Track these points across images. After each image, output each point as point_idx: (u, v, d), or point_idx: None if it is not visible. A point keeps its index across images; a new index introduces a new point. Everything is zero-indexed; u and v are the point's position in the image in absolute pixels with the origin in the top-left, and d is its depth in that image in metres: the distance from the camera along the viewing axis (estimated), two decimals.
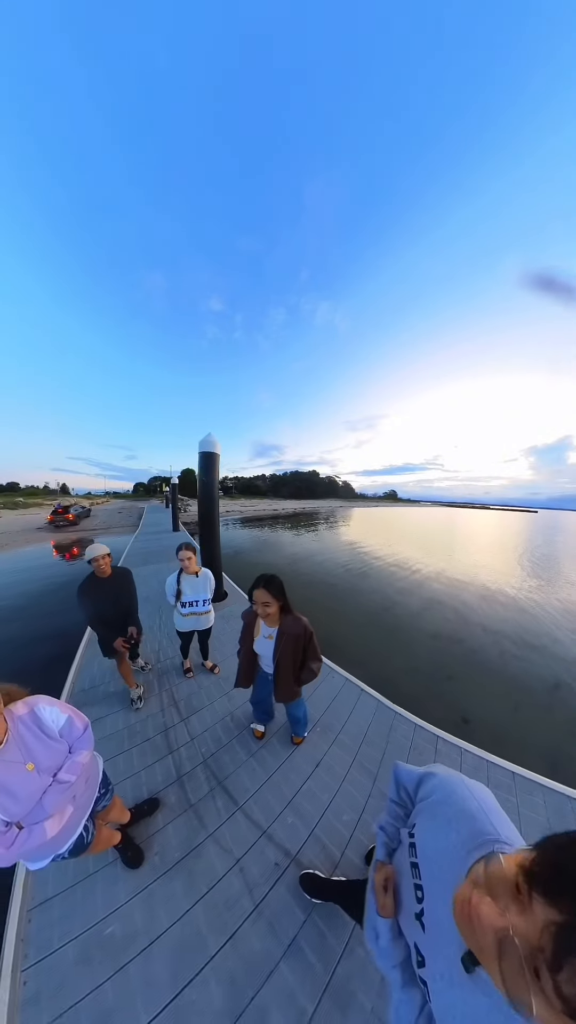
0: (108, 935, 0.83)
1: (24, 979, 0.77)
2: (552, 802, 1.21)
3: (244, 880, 0.95)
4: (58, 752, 0.66)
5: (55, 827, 0.63)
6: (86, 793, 0.75)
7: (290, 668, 1.07)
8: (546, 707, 2.46)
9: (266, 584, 0.97)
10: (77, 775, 0.67)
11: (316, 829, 1.09)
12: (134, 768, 1.32)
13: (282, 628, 1.03)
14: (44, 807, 0.61)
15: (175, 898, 0.91)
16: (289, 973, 0.78)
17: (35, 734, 0.63)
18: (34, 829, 0.59)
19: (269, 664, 1.11)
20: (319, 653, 1.10)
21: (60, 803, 0.64)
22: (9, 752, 0.59)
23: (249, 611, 1.10)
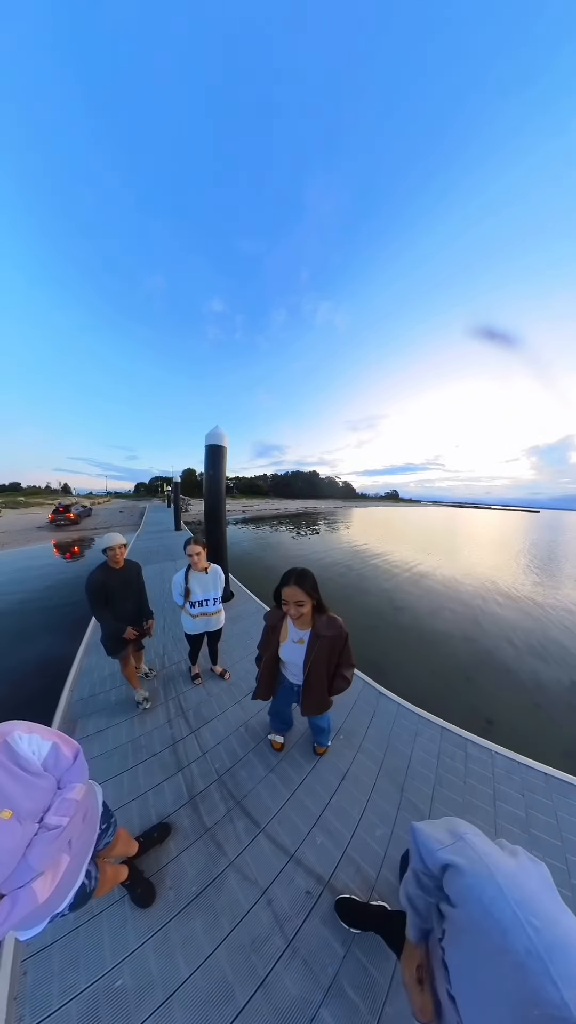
0: (118, 989, 0.72)
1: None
2: None
3: (273, 914, 0.84)
4: (43, 790, 0.51)
5: (47, 887, 0.49)
6: (84, 835, 0.60)
7: (324, 676, 0.94)
8: (567, 705, 2.42)
9: (298, 580, 0.84)
10: (71, 815, 0.53)
11: (348, 848, 0.99)
12: (140, 789, 1.19)
13: (316, 630, 0.90)
14: (30, 864, 0.47)
15: (195, 940, 0.80)
16: (332, 1020, 0.68)
17: (10, 771, 0.48)
18: (19, 895, 0.45)
19: (297, 673, 0.98)
20: (353, 659, 0.98)
21: (51, 855, 0.50)
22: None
23: (274, 612, 0.98)
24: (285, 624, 0.98)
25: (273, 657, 1.02)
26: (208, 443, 2.71)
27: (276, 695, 1.14)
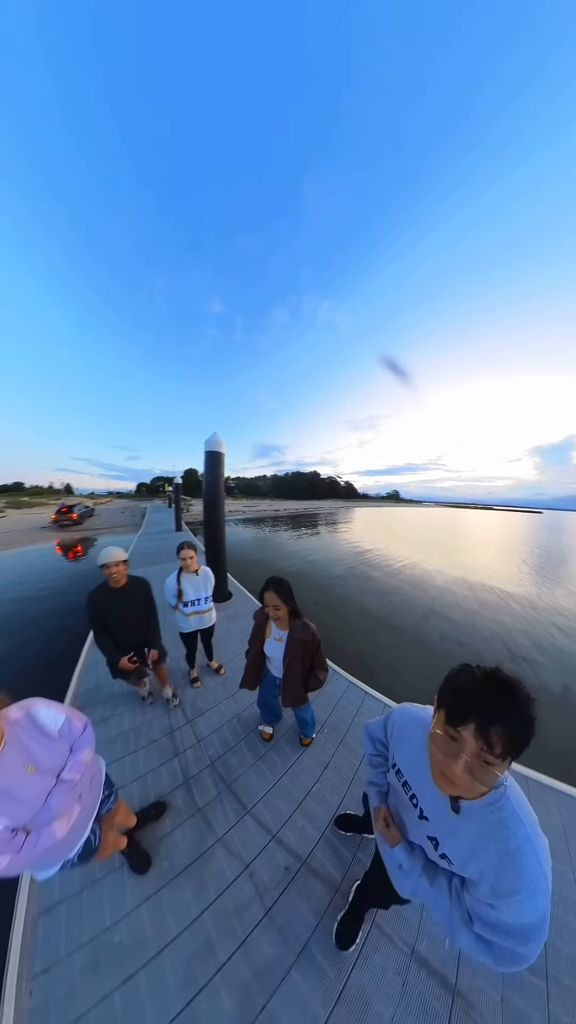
0: (116, 943, 0.81)
1: (31, 989, 0.75)
2: (567, 807, 1.19)
3: (254, 885, 0.93)
4: (59, 753, 0.65)
5: (64, 828, 0.61)
6: (91, 793, 0.73)
7: (299, 673, 1.05)
8: (559, 710, 2.44)
9: (275, 587, 0.97)
10: (81, 773, 0.66)
11: (327, 832, 1.07)
12: (140, 771, 1.29)
13: (292, 633, 1.02)
14: (51, 808, 0.60)
15: (184, 904, 0.88)
16: (301, 980, 0.76)
17: (33, 736, 0.62)
18: (42, 832, 0.58)
19: (279, 667, 1.09)
20: (325, 662, 1.10)
21: (66, 803, 0.62)
22: (7, 756, 0.57)
23: (261, 612, 1.10)
24: (270, 623, 1.09)
25: (259, 651, 1.13)
26: (207, 449, 2.82)
27: (261, 686, 1.24)
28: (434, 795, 0.46)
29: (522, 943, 0.38)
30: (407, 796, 0.51)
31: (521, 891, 0.37)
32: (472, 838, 0.41)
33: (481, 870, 0.40)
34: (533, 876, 0.37)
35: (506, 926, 0.38)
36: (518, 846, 0.38)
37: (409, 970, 0.78)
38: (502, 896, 0.38)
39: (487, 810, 0.40)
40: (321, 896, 0.91)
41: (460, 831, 0.43)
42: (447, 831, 0.44)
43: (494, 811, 0.40)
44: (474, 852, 0.41)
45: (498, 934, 0.39)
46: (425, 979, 0.77)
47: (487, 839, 0.40)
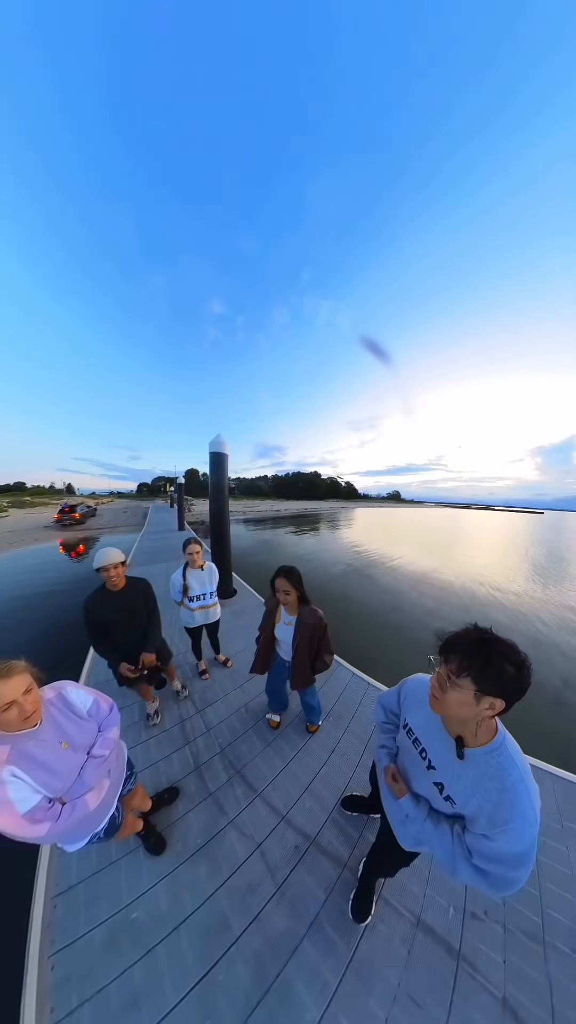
0: (134, 920, 0.83)
1: (52, 964, 0.77)
2: (561, 788, 1.23)
3: (266, 864, 0.95)
4: (89, 731, 0.68)
5: (96, 800, 0.65)
6: (118, 769, 0.77)
7: (306, 655, 1.09)
8: (556, 702, 2.49)
9: (286, 574, 1.03)
10: (110, 749, 0.70)
11: (334, 812, 1.10)
12: (152, 758, 1.31)
13: (300, 617, 1.06)
14: (84, 781, 0.63)
15: (199, 883, 0.91)
16: (313, 950, 0.78)
17: (65, 715, 0.65)
18: (77, 803, 0.61)
19: (288, 650, 1.13)
20: (331, 646, 1.14)
21: (97, 776, 0.66)
22: (44, 732, 0.61)
23: (272, 598, 1.14)
24: (280, 609, 1.14)
25: (269, 635, 1.18)
26: (211, 451, 2.86)
27: (270, 670, 1.28)
28: (442, 746, 0.53)
29: (514, 868, 0.45)
30: (416, 751, 0.58)
31: (514, 820, 0.44)
32: (474, 779, 0.48)
33: (480, 805, 0.47)
34: (524, 808, 0.44)
35: (500, 855, 0.45)
36: (513, 784, 0.45)
37: (415, 938, 0.81)
38: (497, 825, 0.45)
39: (487, 756, 0.47)
40: (330, 872, 0.94)
41: (463, 775, 0.49)
42: (452, 776, 0.51)
43: (493, 757, 0.47)
44: (475, 791, 0.48)
45: (494, 863, 0.46)
46: (430, 946, 0.80)
47: (487, 779, 0.47)
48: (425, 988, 0.73)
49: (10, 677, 0.54)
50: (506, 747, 0.47)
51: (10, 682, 0.54)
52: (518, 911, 0.88)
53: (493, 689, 0.42)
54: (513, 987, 0.75)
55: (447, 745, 0.51)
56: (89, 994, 0.72)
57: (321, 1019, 0.69)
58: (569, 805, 1.18)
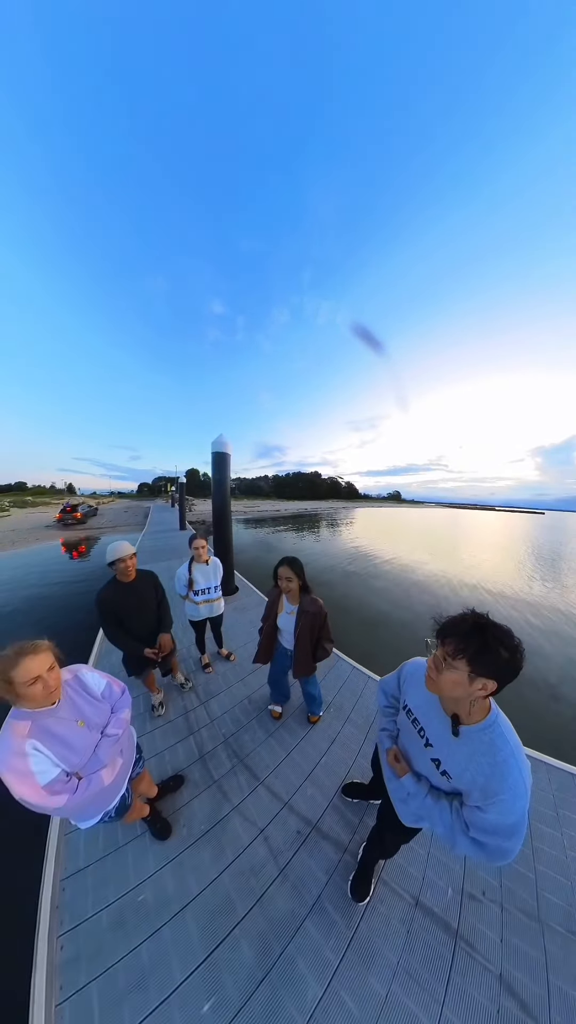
0: (141, 902, 0.85)
1: (61, 944, 0.78)
2: (557, 778, 1.25)
3: (269, 848, 0.97)
4: (103, 711, 0.71)
5: (109, 776, 0.67)
6: (129, 749, 0.79)
7: (308, 643, 1.11)
8: (552, 698, 2.51)
9: (289, 563, 1.06)
10: (122, 729, 0.73)
11: (335, 799, 1.12)
12: (157, 748, 1.33)
13: (302, 606, 1.09)
14: (99, 758, 0.66)
15: (203, 866, 0.92)
16: (314, 930, 0.80)
17: (81, 695, 0.68)
18: (92, 778, 0.64)
19: (290, 639, 1.15)
20: (331, 635, 1.16)
21: (111, 754, 0.69)
22: (62, 710, 0.63)
23: (273, 590, 1.16)
24: (281, 599, 1.16)
25: (272, 625, 1.20)
26: (214, 451, 2.88)
27: (273, 659, 1.30)
28: (439, 724, 0.56)
29: (507, 839, 0.48)
30: (416, 730, 0.61)
31: (504, 792, 0.46)
32: (468, 755, 0.51)
33: (474, 778, 0.49)
34: (514, 781, 0.46)
35: (494, 826, 0.47)
36: (504, 759, 0.47)
37: (413, 918, 0.83)
38: (489, 797, 0.47)
39: (480, 734, 0.50)
40: (331, 856, 0.95)
41: (458, 751, 0.52)
42: (448, 752, 0.54)
43: (486, 734, 0.49)
44: (469, 765, 0.50)
45: (489, 835, 0.48)
46: (429, 926, 0.82)
47: (480, 755, 0.49)
48: (424, 965, 0.75)
49: (36, 654, 0.57)
50: (498, 725, 0.50)
51: (36, 658, 0.57)
52: (515, 892, 0.89)
53: (487, 671, 0.44)
54: (510, 964, 0.76)
55: (444, 723, 0.54)
56: (97, 972, 0.73)
57: (323, 995, 0.70)
58: (563, 793, 1.19)
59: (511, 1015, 0.69)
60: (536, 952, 0.79)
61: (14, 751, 0.55)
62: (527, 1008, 0.70)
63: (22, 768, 0.55)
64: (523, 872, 0.94)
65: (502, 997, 0.71)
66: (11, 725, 0.57)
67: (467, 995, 0.71)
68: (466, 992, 0.72)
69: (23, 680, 0.55)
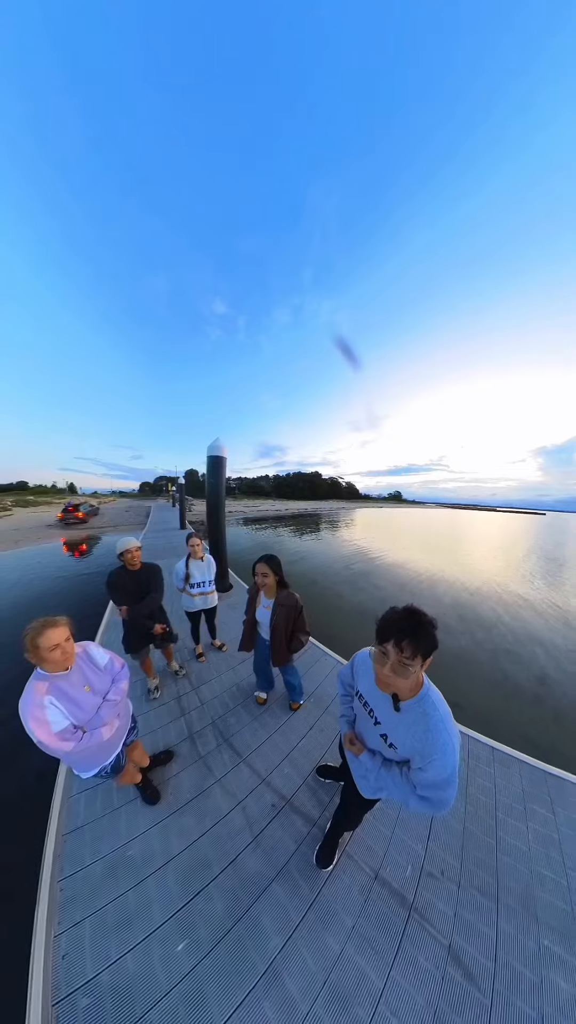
0: (130, 856, 0.94)
1: (61, 887, 0.89)
2: (528, 774, 1.26)
3: (245, 817, 1.04)
4: (105, 680, 0.83)
5: (108, 733, 0.80)
6: (125, 715, 0.92)
7: (283, 635, 1.18)
8: (534, 697, 2.47)
9: (267, 560, 1.13)
10: (121, 697, 0.85)
11: (309, 779, 1.18)
12: (151, 727, 1.43)
13: (278, 600, 1.16)
14: (101, 716, 0.78)
15: (186, 829, 1.01)
16: (280, 891, 0.87)
17: (88, 666, 0.81)
18: (94, 732, 0.76)
19: (267, 631, 1.23)
20: (307, 627, 1.23)
21: (111, 715, 0.81)
22: (73, 676, 0.76)
23: (253, 586, 1.24)
24: (260, 595, 1.24)
25: (252, 617, 1.28)
26: (209, 454, 2.93)
27: (255, 648, 1.38)
28: (384, 704, 0.62)
29: (444, 790, 0.56)
30: (367, 712, 0.67)
31: (435, 752, 0.54)
32: (407, 725, 0.58)
33: (413, 746, 0.57)
34: (444, 743, 0.54)
35: (433, 781, 0.56)
36: (434, 724, 0.55)
37: (372, 889, 0.88)
38: (426, 758, 0.55)
39: (416, 705, 0.57)
40: (300, 829, 1.02)
41: (401, 724, 0.60)
42: (393, 726, 0.61)
43: (420, 705, 0.57)
44: (409, 735, 0.58)
45: (431, 789, 0.57)
46: (385, 897, 0.87)
47: (415, 724, 0.57)
48: (377, 931, 0.80)
49: (57, 626, 0.71)
50: (429, 696, 0.57)
51: (57, 629, 0.70)
52: (474, 874, 0.93)
53: (428, 655, 0.51)
54: (460, 937, 0.80)
55: (388, 702, 0.61)
56: (90, 911, 0.83)
57: (283, 947, 0.76)
58: (533, 788, 1.21)
59: (454, 982, 0.73)
60: (488, 929, 0.82)
61: (36, 703, 0.69)
62: (472, 977, 0.74)
63: (41, 717, 0.68)
64: (485, 858, 0.97)
65: (448, 965, 0.75)
66: (33, 684, 0.70)
67: (415, 961, 0.76)
68: (414, 958, 0.76)
69: (47, 646, 0.68)
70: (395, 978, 0.73)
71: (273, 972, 0.73)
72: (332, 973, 0.73)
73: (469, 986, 0.73)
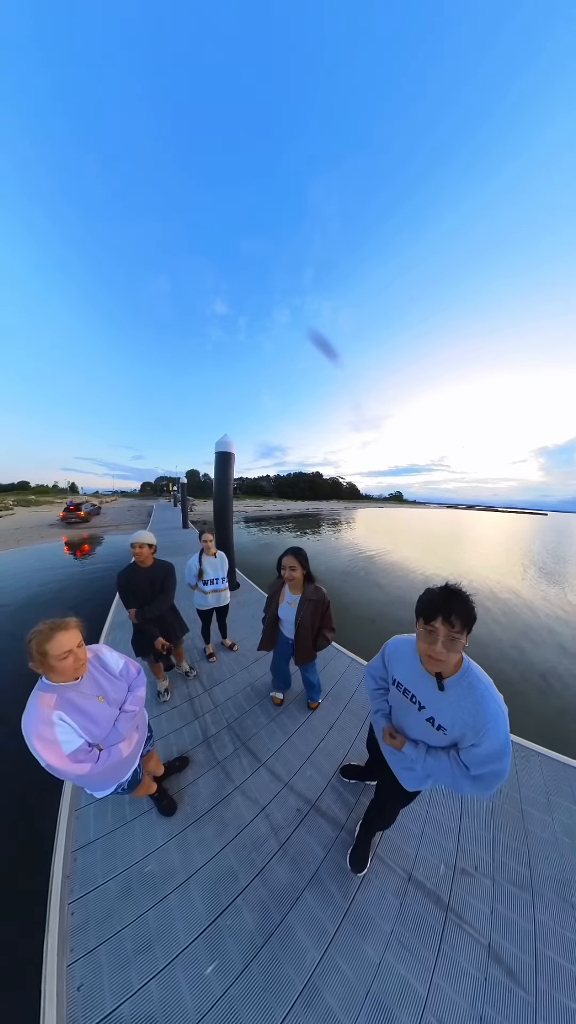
0: (148, 872, 0.87)
1: (72, 910, 0.81)
2: (548, 767, 1.26)
3: (270, 824, 0.99)
4: (121, 689, 0.74)
5: (127, 748, 0.70)
6: (143, 725, 0.83)
7: (309, 632, 1.13)
8: (540, 691, 2.53)
9: (294, 552, 1.09)
10: (139, 707, 0.76)
11: (333, 780, 1.14)
12: (163, 731, 1.36)
13: (305, 595, 1.11)
14: (118, 731, 0.69)
15: (207, 841, 0.95)
16: (312, 901, 0.82)
17: (102, 672, 0.71)
18: (112, 750, 0.67)
19: (291, 628, 1.17)
20: (333, 623, 1.18)
21: (129, 728, 0.71)
22: (84, 686, 0.66)
23: (276, 582, 1.19)
24: (283, 590, 1.19)
25: (274, 615, 1.22)
26: (218, 450, 2.88)
27: (276, 647, 1.32)
28: (426, 686, 0.61)
29: (500, 760, 0.54)
30: (407, 699, 0.65)
31: (489, 721, 0.53)
32: (455, 702, 0.57)
33: (464, 721, 0.55)
34: (495, 710, 0.53)
35: (488, 754, 0.54)
36: (481, 694, 0.54)
37: (406, 892, 0.85)
38: (479, 731, 0.54)
39: (460, 681, 0.57)
40: (328, 833, 0.98)
41: (447, 703, 0.58)
42: (438, 707, 0.59)
43: (465, 679, 0.56)
44: (458, 711, 0.56)
45: (486, 764, 0.54)
46: (421, 899, 0.84)
47: (463, 699, 0.56)
48: (415, 936, 0.77)
49: (67, 630, 0.60)
50: (472, 669, 0.57)
51: (67, 633, 0.60)
52: (507, 866, 0.91)
53: (470, 629, 0.51)
54: (498, 934, 0.78)
55: (430, 684, 0.59)
56: (106, 936, 0.76)
57: (320, 961, 0.72)
58: (555, 781, 1.21)
59: (497, 982, 0.71)
60: (526, 922, 0.80)
61: (42, 720, 0.57)
62: (513, 975, 0.72)
63: (49, 737, 0.57)
64: (516, 848, 0.96)
65: (489, 965, 0.73)
66: (39, 696, 0.59)
67: (456, 963, 0.73)
68: (455, 960, 0.74)
69: (57, 653, 0.58)
70: (438, 983, 0.70)
71: (312, 988, 0.68)
72: (374, 984, 0.69)
73: (512, 985, 0.71)
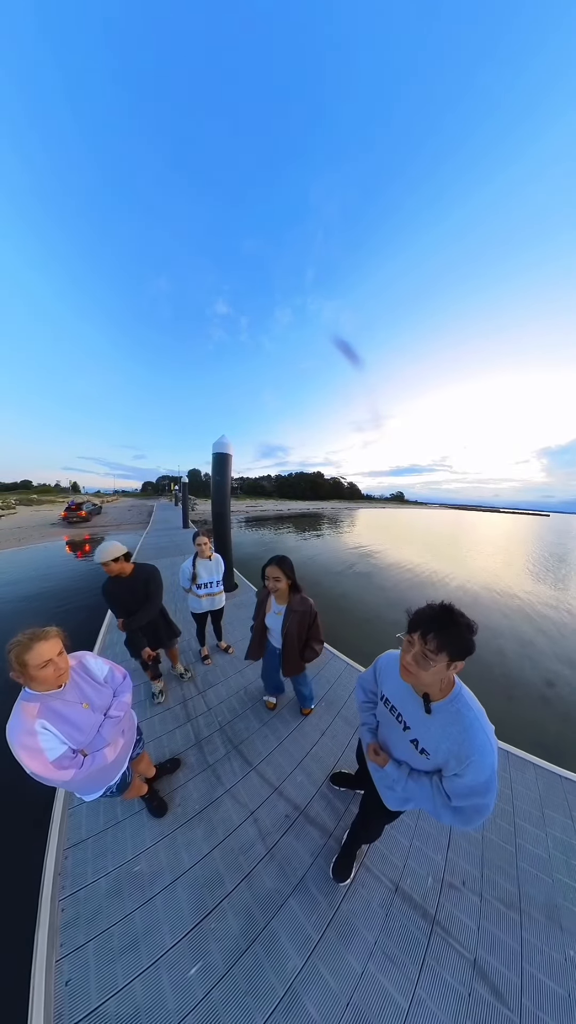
0: (136, 872, 0.89)
1: (62, 907, 0.83)
2: (544, 778, 1.25)
3: (258, 829, 1.00)
4: (106, 695, 0.75)
5: (112, 753, 0.72)
6: (130, 731, 0.84)
7: (295, 643, 1.11)
8: (541, 699, 2.48)
9: (278, 562, 1.05)
10: (124, 712, 0.77)
11: (323, 787, 1.14)
12: (156, 733, 1.38)
13: (290, 605, 1.08)
14: (103, 736, 0.71)
15: (196, 843, 0.96)
16: (297, 907, 0.83)
17: (85, 680, 0.73)
18: (96, 755, 0.69)
19: (277, 638, 1.16)
20: (321, 635, 1.15)
21: (114, 734, 0.73)
22: (68, 693, 0.68)
23: (263, 590, 1.17)
24: (270, 599, 1.17)
25: (261, 624, 1.21)
26: (215, 451, 2.89)
27: (264, 656, 1.31)
28: (413, 706, 0.59)
29: (483, 796, 0.52)
30: (393, 716, 0.64)
31: (474, 753, 0.51)
32: (440, 727, 0.55)
33: (448, 748, 0.54)
34: (482, 742, 0.51)
35: (471, 787, 0.52)
36: (470, 723, 0.52)
37: (392, 903, 0.85)
38: (463, 761, 0.52)
39: (448, 706, 0.55)
40: (316, 840, 0.98)
41: (432, 726, 0.57)
42: (423, 730, 0.58)
43: (453, 705, 0.54)
44: (443, 737, 0.55)
45: (468, 797, 0.53)
46: (407, 911, 0.84)
47: (449, 725, 0.54)
48: (400, 947, 0.77)
49: (47, 639, 0.62)
50: (462, 696, 0.55)
51: (47, 643, 0.62)
52: (496, 883, 0.91)
53: (461, 656, 0.49)
54: (484, 951, 0.78)
55: (418, 704, 0.58)
56: (94, 934, 0.78)
57: (303, 967, 0.73)
58: (549, 794, 1.19)
59: (481, 999, 0.71)
60: (513, 941, 0.80)
61: (25, 730, 0.60)
62: (498, 993, 0.72)
63: (33, 745, 0.59)
64: (505, 866, 0.95)
65: (474, 982, 0.73)
66: (22, 706, 0.61)
67: (440, 978, 0.73)
68: (439, 975, 0.74)
69: (36, 663, 0.59)
70: (420, 997, 0.70)
71: (293, 994, 0.69)
72: (355, 994, 0.70)
73: (496, 1003, 0.70)
